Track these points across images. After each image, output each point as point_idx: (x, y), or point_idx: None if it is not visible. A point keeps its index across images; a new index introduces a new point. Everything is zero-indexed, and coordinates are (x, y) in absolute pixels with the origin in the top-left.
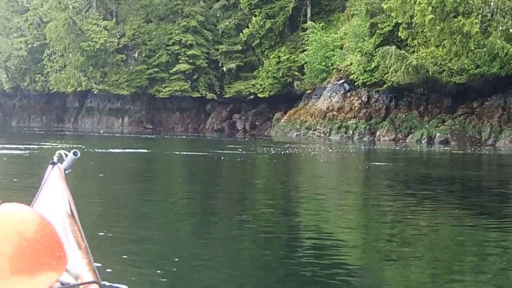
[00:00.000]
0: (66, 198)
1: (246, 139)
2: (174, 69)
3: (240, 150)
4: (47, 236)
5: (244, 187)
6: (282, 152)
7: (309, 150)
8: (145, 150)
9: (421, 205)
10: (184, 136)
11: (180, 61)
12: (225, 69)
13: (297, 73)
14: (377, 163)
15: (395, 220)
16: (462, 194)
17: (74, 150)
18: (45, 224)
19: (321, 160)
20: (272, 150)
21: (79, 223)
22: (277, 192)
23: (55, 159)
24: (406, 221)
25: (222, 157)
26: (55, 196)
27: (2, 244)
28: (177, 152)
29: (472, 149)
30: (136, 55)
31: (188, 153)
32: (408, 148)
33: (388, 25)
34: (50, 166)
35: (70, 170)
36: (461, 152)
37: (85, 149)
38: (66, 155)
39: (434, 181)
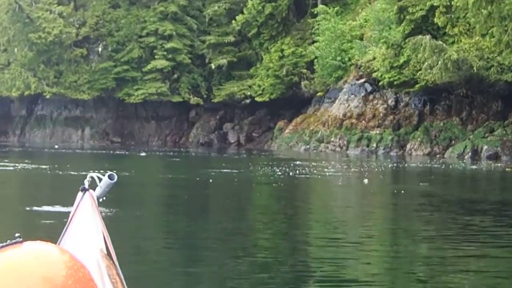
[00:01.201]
0: (101, 234)
1: (241, 155)
2: (149, 67)
3: (234, 170)
4: (81, 283)
5: (240, 229)
6: (289, 173)
7: (323, 170)
8: (111, 172)
9: (473, 244)
10: (161, 153)
11: (156, 57)
12: (213, 67)
13: (305, 70)
14: (409, 186)
15: (439, 267)
16: None
17: (110, 173)
18: (77, 267)
19: (339, 183)
20: (275, 170)
21: (118, 266)
22: (288, 238)
23: (86, 184)
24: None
25: (211, 180)
26: (87, 231)
27: None
28: (152, 176)
29: None
30: (100, 50)
31: (166, 176)
32: (447, 165)
33: (420, 9)
34: (80, 193)
35: (104, 198)
36: None
37: (32, 169)
38: (100, 180)
39: (486, 209)
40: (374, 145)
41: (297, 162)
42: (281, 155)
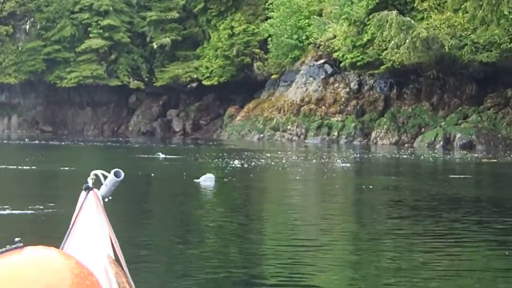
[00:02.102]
0: (108, 237)
1: (188, 145)
2: (83, 47)
3: (179, 163)
4: None
5: (188, 231)
6: (240, 165)
7: (278, 161)
8: (38, 167)
9: (451, 246)
10: (98, 143)
11: (91, 35)
12: (155, 46)
13: (258, 50)
14: (375, 179)
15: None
16: None
17: (116, 169)
18: (84, 274)
19: (297, 177)
20: (224, 161)
21: (128, 272)
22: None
23: (90, 182)
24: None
25: (153, 174)
26: (93, 235)
27: None
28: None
29: (509, 155)
30: (27, 27)
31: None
32: (417, 156)
33: None
34: (83, 193)
35: (110, 198)
36: (495, 160)
37: None
38: (105, 177)
39: (465, 207)
40: (336, 133)
41: (249, 153)
42: (232, 145)
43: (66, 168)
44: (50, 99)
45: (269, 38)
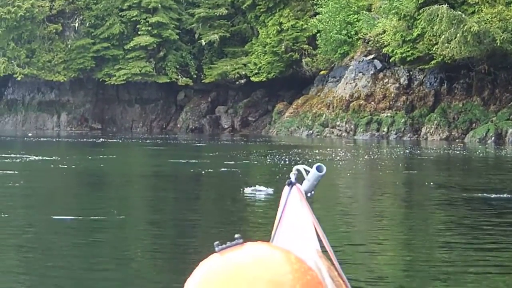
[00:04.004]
0: (315, 232)
1: (236, 142)
2: (132, 44)
3: (229, 160)
4: (309, 287)
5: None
6: (286, 161)
7: (328, 157)
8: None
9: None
10: (147, 140)
11: (140, 33)
12: (204, 43)
13: (306, 46)
14: (430, 176)
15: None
16: None
17: (318, 164)
18: (304, 269)
19: (348, 174)
20: (272, 158)
21: (339, 267)
22: None
23: (293, 178)
24: None
25: (203, 172)
26: (300, 230)
27: None
28: (136, 167)
29: None
30: (76, 25)
31: (153, 168)
32: (470, 151)
33: None
34: (286, 188)
35: (313, 193)
36: None
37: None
38: (307, 172)
39: None
40: (385, 129)
41: (298, 150)
42: (281, 141)
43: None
44: (99, 96)
45: (318, 34)
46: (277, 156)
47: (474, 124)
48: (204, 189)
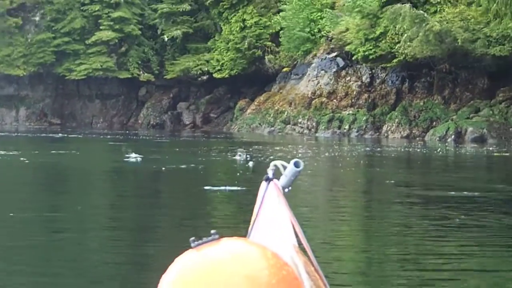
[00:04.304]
0: (292, 227)
1: (197, 138)
2: (93, 39)
3: (189, 157)
4: (285, 282)
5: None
6: (248, 158)
7: (289, 155)
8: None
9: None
10: (108, 136)
11: (101, 27)
12: (166, 39)
13: (269, 43)
14: (390, 174)
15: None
16: None
17: (296, 160)
18: (280, 265)
19: (309, 172)
20: (230, 155)
21: (316, 262)
22: None
23: (270, 173)
24: None
25: (163, 168)
26: (276, 225)
27: None
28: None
29: None
30: (37, 19)
31: (113, 164)
32: (431, 150)
33: None
34: (263, 183)
35: (290, 188)
36: (507, 154)
37: None
38: (285, 168)
39: (484, 203)
40: (347, 127)
41: (258, 147)
42: (241, 138)
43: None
44: (58, 91)
45: (281, 31)
46: (238, 153)
47: (434, 123)
48: (164, 185)
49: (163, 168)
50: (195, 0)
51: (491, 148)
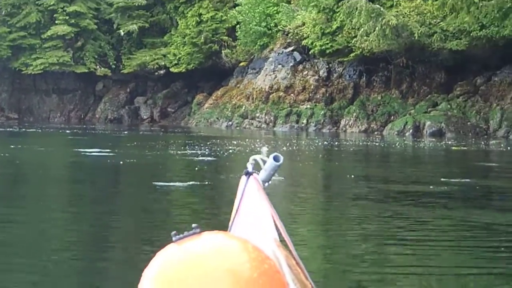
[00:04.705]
0: (272, 221)
1: (154, 132)
2: (49, 33)
3: (147, 151)
4: (267, 275)
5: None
6: (200, 154)
7: (248, 149)
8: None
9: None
10: (67, 130)
11: (57, 22)
12: (122, 33)
13: (226, 37)
14: (348, 168)
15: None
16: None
17: (275, 154)
18: (262, 258)
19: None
20: (189, 149)
21: (297, 255)
22: None
23: (250, 167)
24: None
25: (121, 162)
26: (257, 219)
27: (209, 287)
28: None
29: (481, 143)
30: None
31: (72, 158)
32: (385, 144)
33: None
34: (243, 178)
35: (270, 183)
36: (464, 148)
37: None
38: (264, 162)
39: (439, 197)
40: (304, 121)
41: (215, 141)
42: (199, 132)
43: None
44: (15, 86)
45: (238, 25)
46: (195, 147)
47: (392, 117)
48: (122, 179)
49: (121, 162)
50: None
51: (449, 142)
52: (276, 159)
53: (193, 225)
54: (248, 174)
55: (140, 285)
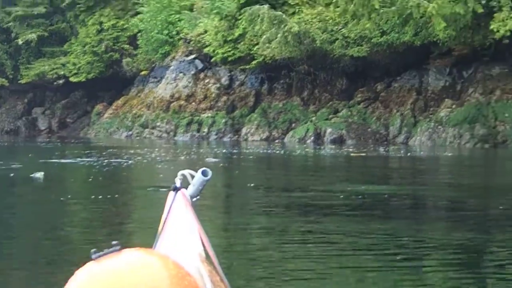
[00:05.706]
0: (199, 237)
1: (52, 143)
2: None
3: (41, 162)
4: None
5: None
6: (101, 162)
7: (147, 157)
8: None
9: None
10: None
11: None
12: (20, 42)
13: (127, 46)
14: (248, 177)
15: None
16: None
17: (204, 169)
18: (182, 275)
19: (161, 176)
20: (88, 160)
21: (221, 271)
22: None
23: (178, 182)
24: None
25: (12, 174)
26: (184, 235)
27: None
28: None
29: (381, 149)
30: None
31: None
32: (286, 152)
33: None
34: (171, 193)
35: (199, 197)
36: (363, 154)
37: None
38: (193, 177)
39: (328, 205)
40: (206, 130)
41: (112, 151)
42: (98, 143)
43: None
44: None
45: (139, 34)
46: (93, 157)
47: (294, 124)
48: (19, 194)
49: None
50: (50, 2)
51: (350, 149)
52: (204, 173)
53: (113, 242)
54: (176, 189)
55: None
